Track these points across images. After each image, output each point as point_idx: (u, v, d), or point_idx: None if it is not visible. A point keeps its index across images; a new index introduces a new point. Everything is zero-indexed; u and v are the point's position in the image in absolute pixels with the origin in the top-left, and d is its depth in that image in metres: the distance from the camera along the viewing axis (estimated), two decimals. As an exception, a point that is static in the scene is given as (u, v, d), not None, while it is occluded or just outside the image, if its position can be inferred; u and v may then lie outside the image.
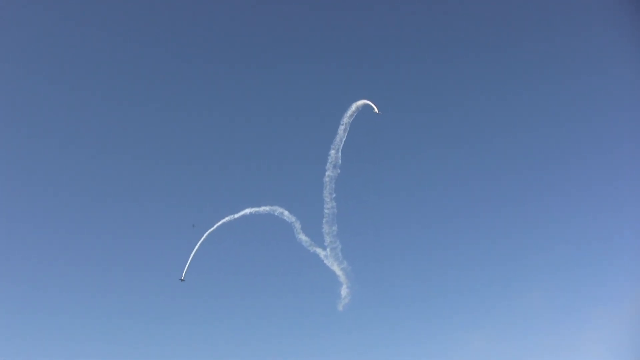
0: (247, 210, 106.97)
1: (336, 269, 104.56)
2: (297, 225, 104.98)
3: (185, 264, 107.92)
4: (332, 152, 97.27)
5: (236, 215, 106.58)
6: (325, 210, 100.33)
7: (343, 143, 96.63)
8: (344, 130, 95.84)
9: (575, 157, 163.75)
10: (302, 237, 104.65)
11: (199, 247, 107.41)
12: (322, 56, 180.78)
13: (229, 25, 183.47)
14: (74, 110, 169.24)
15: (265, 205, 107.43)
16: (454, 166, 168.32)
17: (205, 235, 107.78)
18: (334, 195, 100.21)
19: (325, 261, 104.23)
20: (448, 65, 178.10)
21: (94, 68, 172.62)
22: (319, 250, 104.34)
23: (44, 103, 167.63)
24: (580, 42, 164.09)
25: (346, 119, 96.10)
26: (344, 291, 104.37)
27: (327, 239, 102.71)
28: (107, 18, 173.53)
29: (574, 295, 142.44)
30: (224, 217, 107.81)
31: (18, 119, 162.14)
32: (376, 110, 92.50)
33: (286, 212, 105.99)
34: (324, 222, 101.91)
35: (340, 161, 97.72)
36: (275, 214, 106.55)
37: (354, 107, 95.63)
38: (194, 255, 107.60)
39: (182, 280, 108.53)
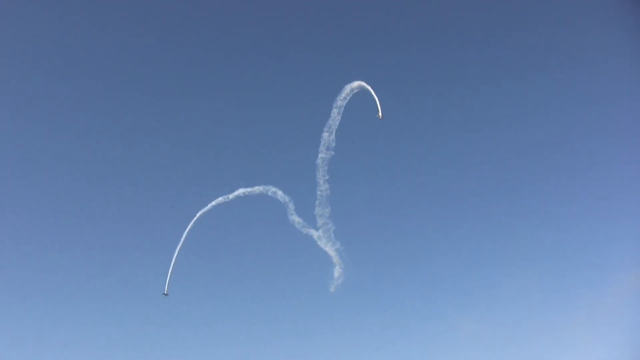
0: (241, 191, 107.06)
1: (329, 250, 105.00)
2: (291, 205, 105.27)
3: (167, 276, 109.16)
4: (326, 134, 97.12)
5: (230, 196, 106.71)
6: (318, 193, 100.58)
7: (337, 125, 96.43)
8: (338, 112, 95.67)
9: (566, 142, 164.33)
10: (295, 219, 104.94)
11: (179, 250, 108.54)
12: (316, 37, 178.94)
13: (221, 7, 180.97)
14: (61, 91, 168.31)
15: (259, 185, 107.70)
16: (448, 151, 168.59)
17: (188, 228, 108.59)
18: (327, 177, 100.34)
19: (319, 242, 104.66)
20: (448, 48, 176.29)
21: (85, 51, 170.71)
22: (312, 232, 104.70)
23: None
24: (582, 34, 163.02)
25: (340, 100, 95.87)
26: (336, 272, 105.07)
27: (320, 221, 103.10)
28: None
29: (564, 277, 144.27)
30: (217, 198, 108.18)
31: None
32: (380, 114, 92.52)
33: (280, 192, 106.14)
34: (317, 203, 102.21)
35: (334, 143, 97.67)
36: (269, 193, 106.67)
37: (348, 88, 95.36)
38: (175, 260, 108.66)
39: (165, 294, 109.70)
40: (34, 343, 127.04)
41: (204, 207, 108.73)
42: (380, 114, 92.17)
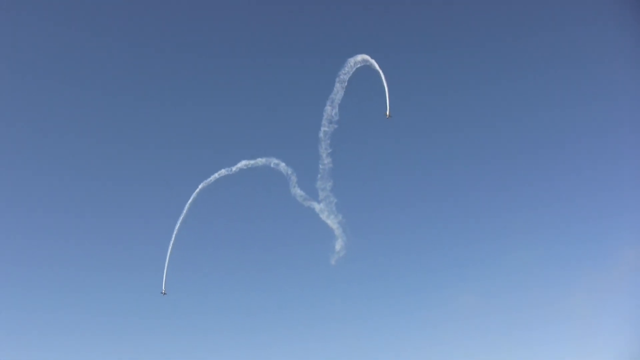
0: (243, 163, 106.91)
1: (331, 223, 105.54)
2: (293, 178, 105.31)
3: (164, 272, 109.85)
4: (328, 107, 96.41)
5: (233, 169, 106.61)
6: (321, 166, 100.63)
7: (340, 99, 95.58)
8: (341, 86, 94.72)
9: (566, 116, 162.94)
10: (297, 191, 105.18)
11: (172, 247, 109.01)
12: (320, 7, 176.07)
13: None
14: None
15: (261, 157, 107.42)
16: (450, 120, 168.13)
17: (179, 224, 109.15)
18: (329, 151, 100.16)
19: (321, 215, 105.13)
20: (452, 19, 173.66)
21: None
22: (314, 204, 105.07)
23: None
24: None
25: (343, 74, 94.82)
26: (338, 245, 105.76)
27: (322, 194, 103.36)
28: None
29: (565, 252, 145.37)
30: (220, 170, 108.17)
31: None
32: (388, 113, 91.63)
33: (282, 164, 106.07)
34: (319, 177, 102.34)
35: (337, 117, 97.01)
36: (271, 165, 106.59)
37: (352, 62, 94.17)
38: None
39: (163, 293, 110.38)
40: (33, 343, 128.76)
41: (206, 179, 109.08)
42: (388, 112, 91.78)
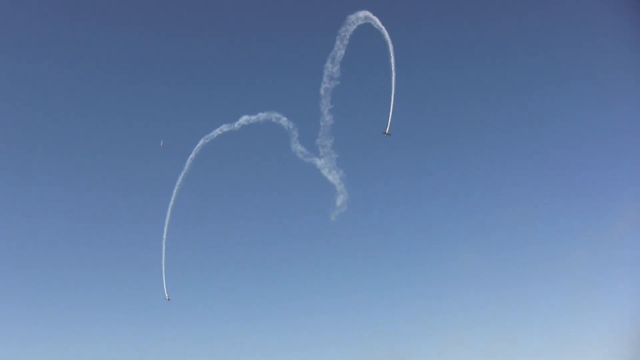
0: (244, 118, 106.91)
1: (332, 178, 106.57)
2: (295, 133, 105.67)
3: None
4: (329, 64, 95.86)
5: (235, 125, 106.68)
6: (322, 123, 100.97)
7: (342, 56, 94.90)
8: (342, 43, 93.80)
9: (568, 81, 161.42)
10: (298, 147, 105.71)
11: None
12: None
13: None
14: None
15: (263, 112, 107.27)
16: (453, 80, 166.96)
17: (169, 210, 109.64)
18: (330, 107, 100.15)
19: (322, 171, 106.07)
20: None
21: None
22: (315, 160, 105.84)
23: None
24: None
25: (344, 31, 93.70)
26: (339, 200, 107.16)
27: (324, 150, 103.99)
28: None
29: (564, 209, 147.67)
30: (221, 125, 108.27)
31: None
32: (387, 131, 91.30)
33: (284, 119, 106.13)
34: (320, 133, 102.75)
35: (338, 74, 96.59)
36: (273, 120, 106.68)
37: (353, 18, 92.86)
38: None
39: (167, 299, 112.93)
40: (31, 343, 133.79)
41: (207, 134, 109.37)
42: (387, 130, 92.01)
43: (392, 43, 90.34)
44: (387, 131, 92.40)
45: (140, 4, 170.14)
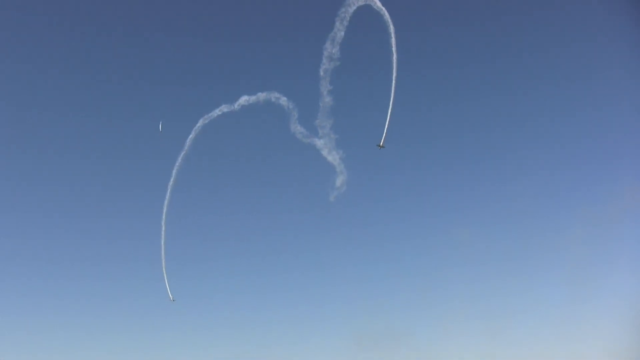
0: (244, 98, 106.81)
1: (332, 159, 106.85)
2: (294, 113, 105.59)
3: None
4: (328, 45, 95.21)
5: (235, 105, 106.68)
6: (321, 104, 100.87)
7: (342, 37, 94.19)
8: (342, 24, 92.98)
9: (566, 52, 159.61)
10: (298, 128, 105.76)
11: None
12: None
13: None
14: None
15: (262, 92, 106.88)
16: (452, 61, 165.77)
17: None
18: (330, 89, 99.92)
19: (322, 151, 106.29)
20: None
21: None
22: (315, 141, 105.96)
23: None
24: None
25: (344, 12, 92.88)
26: (339, 181, 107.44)
27: (323, 131, 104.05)
28: None
29: (561, 186, 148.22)
30: (220, 106, 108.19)
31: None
32: (381, 144, 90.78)
33: (283, 98, 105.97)
34: (319, 114, 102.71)
35: (337, 54, 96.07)
36: (272, 99, 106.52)
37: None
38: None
39: (173, 300, 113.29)
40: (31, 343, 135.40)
41: (207, 114, 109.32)
42: (382, 142, 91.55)
43: (393, 24, 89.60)
44: (381, 143, 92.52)
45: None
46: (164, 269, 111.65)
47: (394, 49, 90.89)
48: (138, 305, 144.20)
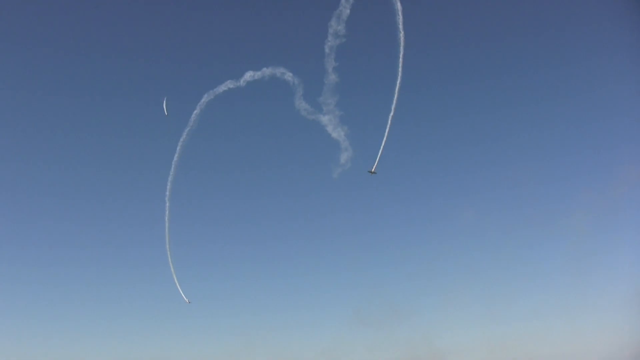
0: (249, 74, 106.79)
1: (337, 135, 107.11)
2: (299, 89, 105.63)
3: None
4: (334, 22, 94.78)
5: (240, 81, 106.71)
6: (326, 81, 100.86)
7: (347, 15, 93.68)
8: (347, 1, 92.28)
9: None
10: (303, 105, 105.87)
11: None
12: None
13: None
14: None
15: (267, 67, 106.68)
16: (457, 39, 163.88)
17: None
18: (335, 65, 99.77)
19: (327, 128, 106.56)
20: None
21: None
22: (320, 117, 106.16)
23: None
24: None
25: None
26: (344, 158, 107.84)
27: (327, 107, 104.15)
28: None
29: (564, 168, 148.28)
30: (226, 81, 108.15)
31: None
32: (373, 170, 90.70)
33: (289, 74, 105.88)
34: (324, 90, 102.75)
35: (343, 31, 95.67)
36: (277, 75, 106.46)
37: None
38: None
39: (188, 302, 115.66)
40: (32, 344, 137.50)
41: (213, 89, 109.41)
42: (374, 168, 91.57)
43: (400, 1, 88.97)
44: (373, 169, 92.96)
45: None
46: (168, 252, 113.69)
47: (400, 26, 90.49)
48: (138, 304, 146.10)
